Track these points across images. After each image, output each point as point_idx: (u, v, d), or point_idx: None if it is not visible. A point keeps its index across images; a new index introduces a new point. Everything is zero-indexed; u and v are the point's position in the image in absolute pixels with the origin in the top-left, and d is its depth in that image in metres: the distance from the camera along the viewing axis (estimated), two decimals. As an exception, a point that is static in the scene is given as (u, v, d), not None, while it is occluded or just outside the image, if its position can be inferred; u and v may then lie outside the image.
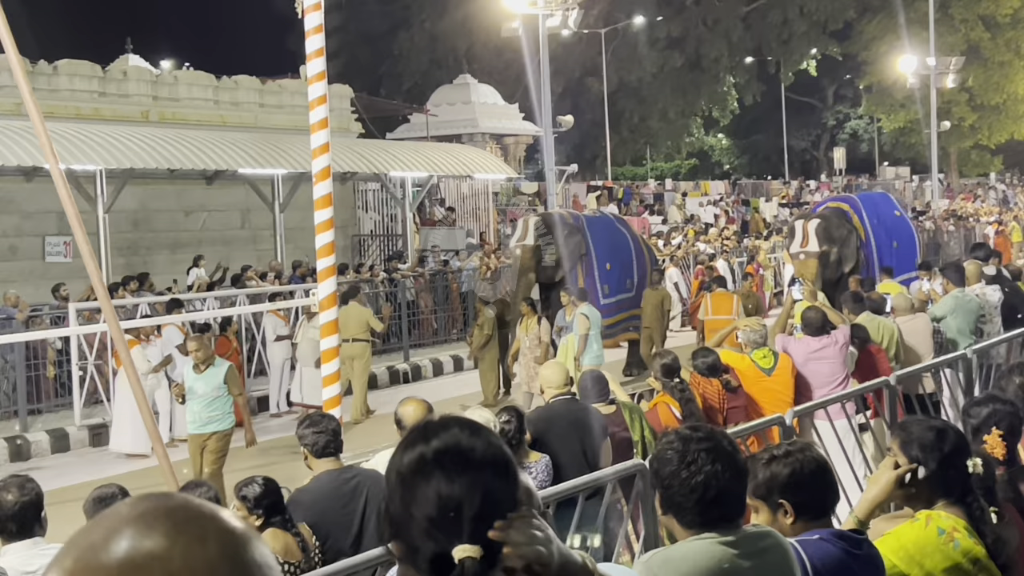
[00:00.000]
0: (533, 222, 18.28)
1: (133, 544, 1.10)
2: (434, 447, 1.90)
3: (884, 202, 20.00)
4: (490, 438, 1.95)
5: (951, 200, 51.04)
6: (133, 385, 6.01)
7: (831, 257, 16.94)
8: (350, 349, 16.51)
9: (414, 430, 1.97)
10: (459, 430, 1.94)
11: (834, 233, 17.08)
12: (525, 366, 15.64)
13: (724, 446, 3.02)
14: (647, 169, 69.37)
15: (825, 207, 18.93)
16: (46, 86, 22.70)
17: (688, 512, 2.97)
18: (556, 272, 17.88)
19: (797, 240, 17.25)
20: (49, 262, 21.77)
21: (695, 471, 2.94)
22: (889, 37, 57.73)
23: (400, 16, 56.69)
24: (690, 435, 3.05)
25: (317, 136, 8.26)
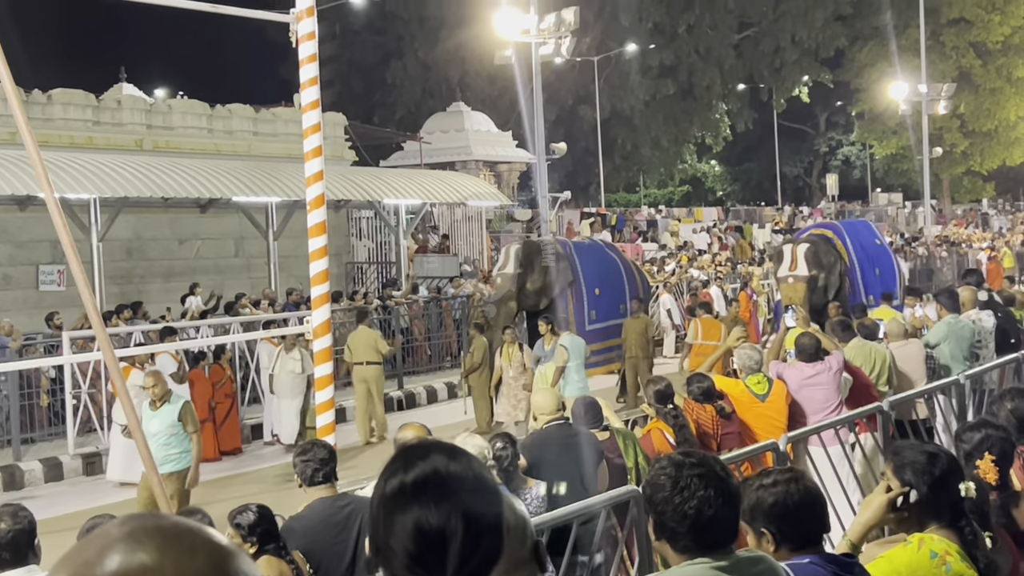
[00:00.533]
0: (515, 250, 18.15)
1: (125, 558, 1.12)
2: (413, 476, 1.82)
3: (866, 230, 20.07)
4: (472, 463, 1.87)
5: (943, 226, 51.15)
6: (127, 412, 6.01)
7: (819, 283, 16.96)
8: (363, 372, 17.04)
9: (394, 458, 1.91)
10: (439, 456, 1.86)
11: (823, 259, 17.11)
12: (507, 396, 15.52)
13: (717, 471, 3.02)
14: (640, 196, 69.54)
15: (810, 233, 18.96)
16: (40, 115, 22.75)
17: (681, 537, 2.97)
18: (539, 300, 17.81)
19: (785, 264, 17.24)
20: (43, 291, 21.77)
21: (688, 496, 2.94)
22: (881, 64, 58.06)
23: (393, 45, 56.88)
24: (683, 461, 3.06)
25: (311, 164, 8.28)
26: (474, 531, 1.78)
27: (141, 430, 5.94)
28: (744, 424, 8.85)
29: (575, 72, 55.32)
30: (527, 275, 17.74)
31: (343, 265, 27.80)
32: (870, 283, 17.76)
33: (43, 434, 16.71)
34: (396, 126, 49.71)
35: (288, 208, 23.49)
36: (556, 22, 27.14)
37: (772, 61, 62.11)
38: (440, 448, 1.90)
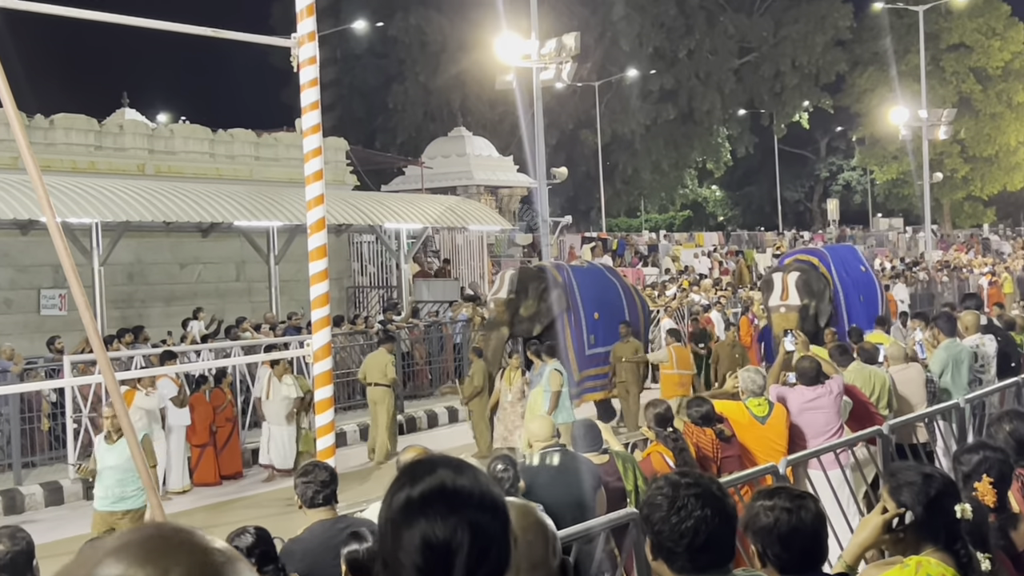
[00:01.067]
0: (509, 276, 18.10)
1: (102, 572, 1.14)
2: (419, 490, 1.85)
3: (851, 256, 19.67)
4: (479, 477, 1.89)
5: (944, 251, 51.20)
6: (128, 435, 6.02)
7: (810, 311, 16.69)
8: (372, 393, 17.36)
9: (401, 472, 1.93)
10: (445, 470, 1.88)
11: (814, 286, 16.87)
12: (503, 421, 15.47)
13: (713, 491, 3.03)
14: (641, 221, 69.66)
15: (795, 259, 18.54)
16: (42, 140, 22.83)
17: (678, 557, 2.99)
18: (533, 326, 17.75)
19: (776, 293, 16.92)
20: (44, 315, 21.79)
21: (684, 516, 2.96)
22: (881, 90, 58.31)
23: (394, 70, 57.12)
24: (679, 481, 3.07)
25: (312, 188, 8.31)
26: (480, 544, 1.80)
27: (141, 453, 5.95)
28: (744, 447, 8.86)
29: (576, 97, 55.55)
30: (520, 301, 17.65)
31: (344, 289, 27.84)
32: (853, 310, 17.45)
33: (44, 458, 16.69)
34: (397, 150, 49.87)
35: (289, 232, 23.53)
36: (557, 47, 27.24)
37: (772, 86, 62.38)
38: (447, 463, 1.92)
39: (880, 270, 37.87)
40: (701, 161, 67.49)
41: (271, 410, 16.35)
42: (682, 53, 60.12)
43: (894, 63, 55.95)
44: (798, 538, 3.47)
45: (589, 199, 62.42)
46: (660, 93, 59.55)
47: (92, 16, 8.07)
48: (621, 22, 55.90)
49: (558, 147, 55.38)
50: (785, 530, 3.46)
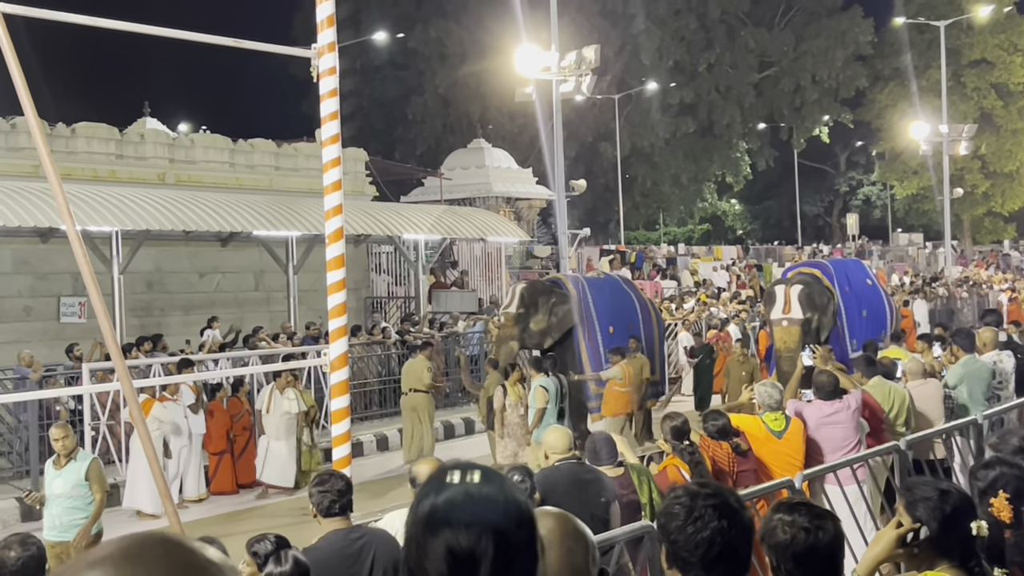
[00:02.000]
0: (519, 290, 17.99)
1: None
2: (444, 498, 1.85)
3: (857, 269, 19.27)
4: (503, 485, 1.89)
5: (964, 267, 51.02)
6: (144, 442, 6.04)
7: (812, 325, 16.38)
8: (410, 400, 17.65)
9: (428, 480, 1.93)
10: (471, 478, 1.88)
11: (816, 300, 16.56)
12: (513, 436, 15.33)
13: (731, 503, 3.04)
14: (660, 234, 69.59)
15: (797, 272, 18.12)
16: (64, 148, 22.94)
17: (693, 567, 2.99)
18: (543, 339, 17.60)
19: (778, 306, 16.59)
20: (64, 322, 21.89)
21: (701, 527, 2.97)
22: (901, 105, 58.16)
23: (414, 81, 57.26)
24: (698, 491, 3.09)
25: (330, 198, 8.33)
26: (505, 553, 1.80)
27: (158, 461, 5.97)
28: (760, 461, 8.83)
29: (596, 110, 55.59)
30: (530, 315, 17.54)
31: (362, 299, 27.89)
32: (855, 325, 17.09)
33: (61, 465, 16.74)
34: (416, 162, 49.97)
35: (308, 242, 23.61)
36: (577, 60, 27.24)
37: (792, 100, 62.31)
38: (473, 471, 1.92)
39: (899, 285, 37.84)
40: (720, 174, 67.42)
41: (271, 424, 16.13)
42: (702, 67, 60.10)
43: (915, 78, 55.81)
44: (813, 558, 3.46)
45: (608, 212, 62.41)
46: (680, 106, 59.55)
47: (113, 25, 8.12)
48: (641, 35, 55.92)
49: (577, 159, 55.42)
50: (801, 549, 3.45)
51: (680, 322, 25.75)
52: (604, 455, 7.70)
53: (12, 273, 21.65)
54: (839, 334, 16.74)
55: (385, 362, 22.26)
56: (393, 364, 22.09)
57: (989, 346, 12.60)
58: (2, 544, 5.17)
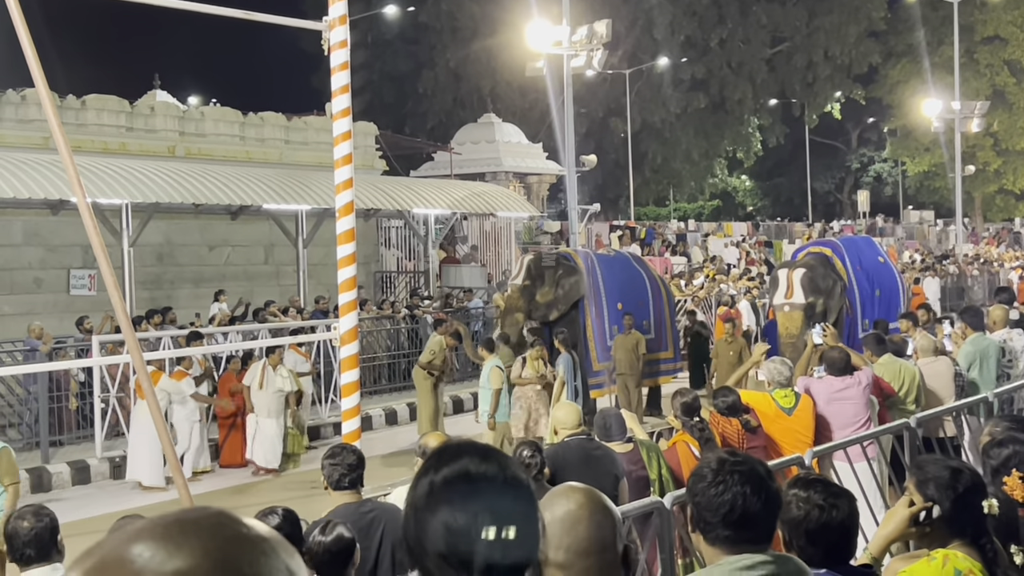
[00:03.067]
0: (527, 262, 17.90)
1: (123, 552, 1.14)
2: (443, 476, 1.84)
3: (868, 247, 18.84)
4: (504, 463, 1.88)
5: (975, 244, 50.87)
6: (154, 414, 6.04)
7: (816, 308, 16.07)
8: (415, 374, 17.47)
9: (427, 458, 1.92)
10: (470, 457, 1.87)
11: (820, 284, 16.27)
12: (526, 409, 15.20)
13: (758, 471, 3.10)
14: (670, 210, 69.43)
15: (807, 252, 17.68)
16: (74, 120, 22.94)
17: (712, 528, 3.05)
18: (549, 312, 17.51)
19: (781, 291, 16.32)
20: (73, 295, 21.91)
21: (723, 490, 3.03)
22: (914, 81, 57.90)
23: (425, 55, 57.12)
24: (727, 458, 3.17)
25: (341, 171, 8.32)
26: (504, 531, 1.78)
27: (167, 432, 5.97)
28: (770, 438, 8.82)
29: (607, 85, 55.39)
30: (536, 287, 17.47)
31: (371, 274, 27.89)
32: (868, 305, 16.77)
33: (71, 437, 16.83)
34: (427, 136, 49.86)
35: (318, 216, 23.60)
36: (588, 34, 27.11)
37: (804, 76, 62.01)
38: (473, 449, 1.91)
39: (910, 263, 37.75)
40: (731, 151, 67.23)
41: (262, 401, 15.75)
42: (714, 42, 59.82)
43: (927, 55, 55.53)
44: (825, 535, 3.46)
45: (618, 188, 62.27)
46: (691, 82, 59.32)
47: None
48: (653, 10, 55.65)
49: (588, 135, 55.25)
50: (814, 526, 3.45)
51: (690, 298, 25.69)
52: (614, 431, 7.70)
53: (23, 245, 21.67)
54: (854, 313, 16.52)
55: (394, 336, 22.28)
56: (402, 338, 22.11)
57: (999, 324, 12.55)
58: (16, 515, 5.20)
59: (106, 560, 1.14)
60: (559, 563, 2.36)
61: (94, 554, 1.16)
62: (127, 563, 1.12)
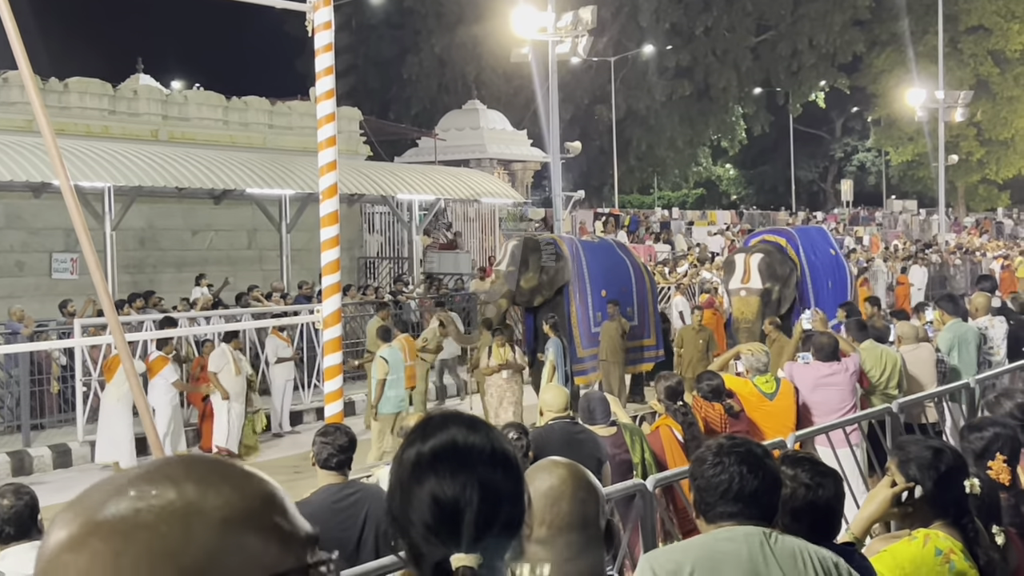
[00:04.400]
0: (511, 247, 17.79)
1: (133, 496, 1.12)
2: (430, 446, 1.83)
3: (821, 238, 18.68)
4: (491, 434, 1.87)
5: (958, 234, 51.02)
6: (135, 393, 6.02)
7: (772, 296, 15.96)
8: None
9: (413, 429, 1.90)
10: (457, 427, 1.86)
11: (778, 270, 16.13)
12: (495, 395, 15.20)
13: (756, 452, 3.24)
14: (654, 198, 69.47)
15: (761, 240, 17.53)
16: (56, 103, 22.82)
17: (711, 507, 3.19)
18: (533, 297, 17.51)
19: (738, 276, 16.19)
20: (56, 278, 21.84)
21: (721, 470, 3.17)
22: (898, 71, 58.00)
23: (409, 41, 56.97)
24: (726, 442, 3.32)
25: (324, 154, 8.29)
26: (490, 502, 1.77)
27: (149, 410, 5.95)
28: (752, 423, 8.85)
29: (591, 72, 55.33)
30: (521, 273, 17.41)
31: (355, 259, 27.84)
32: (821, 295, 16.50)
33: (53, 420, 16.78)
34: (411, 122, 49.75)
35: (302, 201, 23.53)
36: (574, 21, 27.09)
37: (789, 65, 62.06)
38: (460, 420, 1.90)
39: (894, 251, 37.85)
40: (716, 139, 67.28)
41: (236, 386, 15.60)
42: (699, 30, 59.80)
43: (912, 44, 55.60)
44: (810, 514, 3.47)
45: (602, 175, 62.25)
46: (676, 69, 59.30)
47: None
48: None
49: (572, 122, 55.19)
50: (800, 504, 3.47)
51: (674, 286, 25.72)
52: (598, 414, 7.71)
53: (4, 228, 21.58)
54: (807, 303, 16.00)
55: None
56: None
57: (981, 311, 12.61)
58: (-4, 493, 5.18)
59: (97, 511, 1.12)
60: (541, 539, 2.35)
61: (81, 505, 1.13)
62: (121, 514, 1.10)
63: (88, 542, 1.09)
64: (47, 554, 1.11)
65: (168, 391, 15.09)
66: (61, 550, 1.10)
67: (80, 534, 1.10)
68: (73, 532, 1.10)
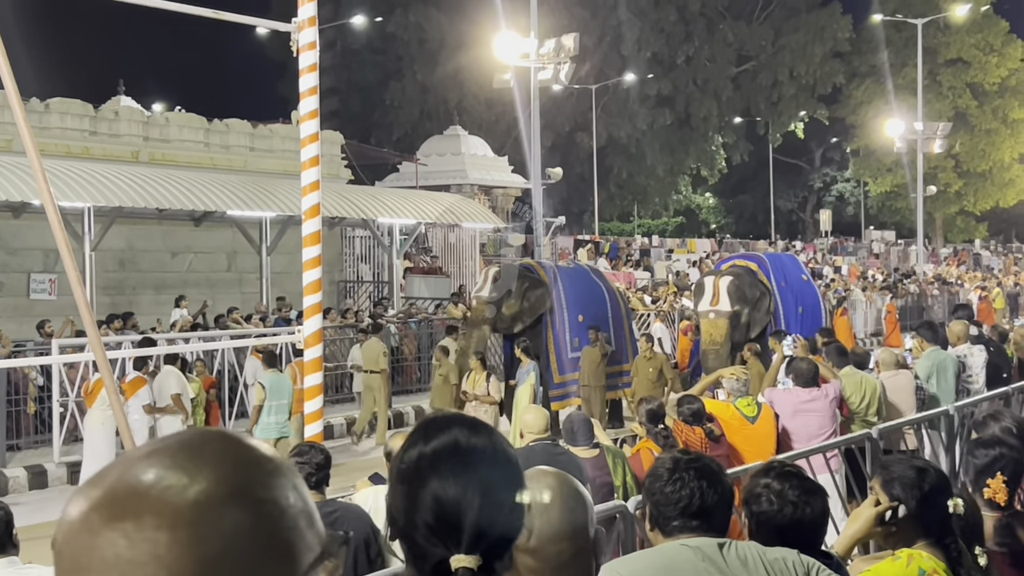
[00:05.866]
0: (492, 274, 17.77)
1: (131, 476, 1.11)
2: (432, 447, 1.81)
3: (792, 264, 18.81)
4: (493, 437, 1.87)
5: (936, 265, 51.29)
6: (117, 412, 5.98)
7: (741, 319, 15.97)
8: (369, 380, 17.92)
9: (414, 430, 1.90)
10: (459, 428, 1.85)
11: (747, 293, 16.15)
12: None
13: (712, 467, 3.27)
14: (634, 226, 69.65)
15: (732, 264, 17.67)
16: (37, 123, 22.72)
17: (669, 521, 3.18)
18: (515, 324, 17.50)
19: (707, 298, 16.20)
20: (34, 299, 21.72)
21: (681, 486, 3.17)
22: (877, 102, 58.43)
23: (392, 66, 57.10)
24: (682, 457, 3.32)
25: (308, 173, 8.27)
26: (492, 505, 1.76)
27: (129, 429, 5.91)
28: (733, 448, 8.84)
29: (573, 99, 55.55)
30: (503, 299, 17.39)
31: (335, 283, 27.79)
32: (791, 321, 16.56)
33: (29, 441, 16.65)
34: (392, 147, 49.83)
35: (282, 224, 23.49)
36: (556, 48, 27.23)
37: (769, 95, 62.46)
38: (461, 421, 1.89)
39: (871, 281, 38.02)
40: (696, 167, 67.54)
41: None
42: (680, 59, 60.17)
43: (891, 76, 56.11)
44: (794, 531, 3.45)
45: (583, 202, 62.40)
46: (657, 98, 59.59)
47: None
48: (621, 26, 55.95)
49: (553, 149, 55.37)
50: (786, 523, 3.45)
51: (654, 313, 25.76)
52: (580, 436, 7.69)
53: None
54: (778, 328, 16.05)
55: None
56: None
57: (961, 339, 12.65)
58: (-30, 509, 5.12)
59: (116, 490, 1.09)
60: (530, 549, 2.34)
61: (99, 484, 1.11)
62: (140, 493, 1.08)
63: (142, 518, 1.07)
64: (84, 525, 1.09)
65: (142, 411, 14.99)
66: (102, 525, 1.08)
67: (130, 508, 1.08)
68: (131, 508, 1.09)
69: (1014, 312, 35.67)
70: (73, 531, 1.10)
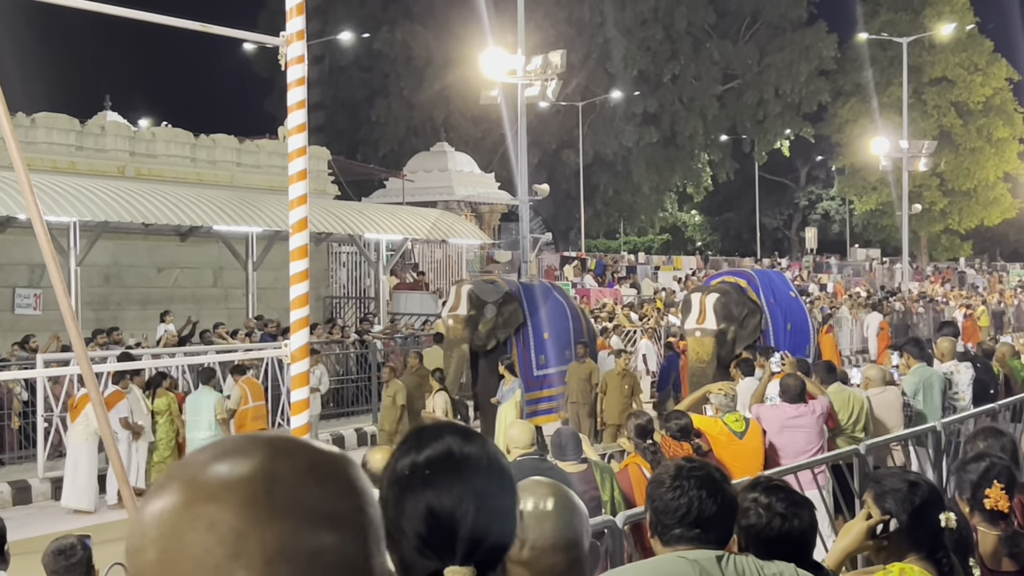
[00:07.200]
0: (467, 291, 17.62)
1: (206, 472, 1.13)
2: (425, 456, 1.79)
3: (780, 281, 18.65)
4: (487, 446, 1.84)
5: (920, 283, 51.43)
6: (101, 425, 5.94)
7: (728, 336, 15.82)
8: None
9: (406, 438, 1.87)
10: (452, 437, 1.83)
11: (733, 310, 15.95)
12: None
13: (714, 476, 3.23)
14: (620, 243, 69.72)
15: (721, 281, 17.44)
16: (23, 138, 22.64)
17: (668, 529, 3.16)
18: (487, 341, 17.38)
19: (693, 315, 16.05)
20: (18, 314, 21.62)
21: (680, 493, 3.15)
22: (862, 120, 58.69)
23: (379, 84, 57.15)
24: (685, 464, 3.30)
25: (295, 187, 8.22)
26: (486, 515, 1.74)
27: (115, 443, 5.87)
28: (721, 463, 8.83)
29: (559, 116, 55.65)
30: (479, 317, 17.26)
31: (321, 299, 27.73)
32: (780, 338, 16.35)
33: (13, 456, 16.56)
34: (379, 163, 49.83)
35: (268, 239, 23.44)
36: (543, 64, 27.28)
37: (755, 113, 62.69)
38: (454, 430, 1.87)
39: (855, 298, 38.08)
40: (682, 185, 67.67)
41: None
42: (667, 77, 60.34)
43: (876, 94, 56.35)
44: (783, 544, 3.44)
45: (569, 219, 62.48)
46: (643, 116, 59.73)
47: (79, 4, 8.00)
48: (608, 43, 56.10)
49: (540, 166, 55.42)
50: (774, 535, 3.44)
51: (640, 330, 25.77)
52: (569, 450, 7.67)
53: (-33, 262, 21.38)
54: (767, 345, 15.81)
55: (343, 361, 22.13)
56: (351, 364, 21.96)
57: (947, 356, 12.66)
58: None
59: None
60: (524, 560, 2.32)
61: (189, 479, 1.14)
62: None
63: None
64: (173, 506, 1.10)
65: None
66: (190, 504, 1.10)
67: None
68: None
69: (999, 330, 35.75)
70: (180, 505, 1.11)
